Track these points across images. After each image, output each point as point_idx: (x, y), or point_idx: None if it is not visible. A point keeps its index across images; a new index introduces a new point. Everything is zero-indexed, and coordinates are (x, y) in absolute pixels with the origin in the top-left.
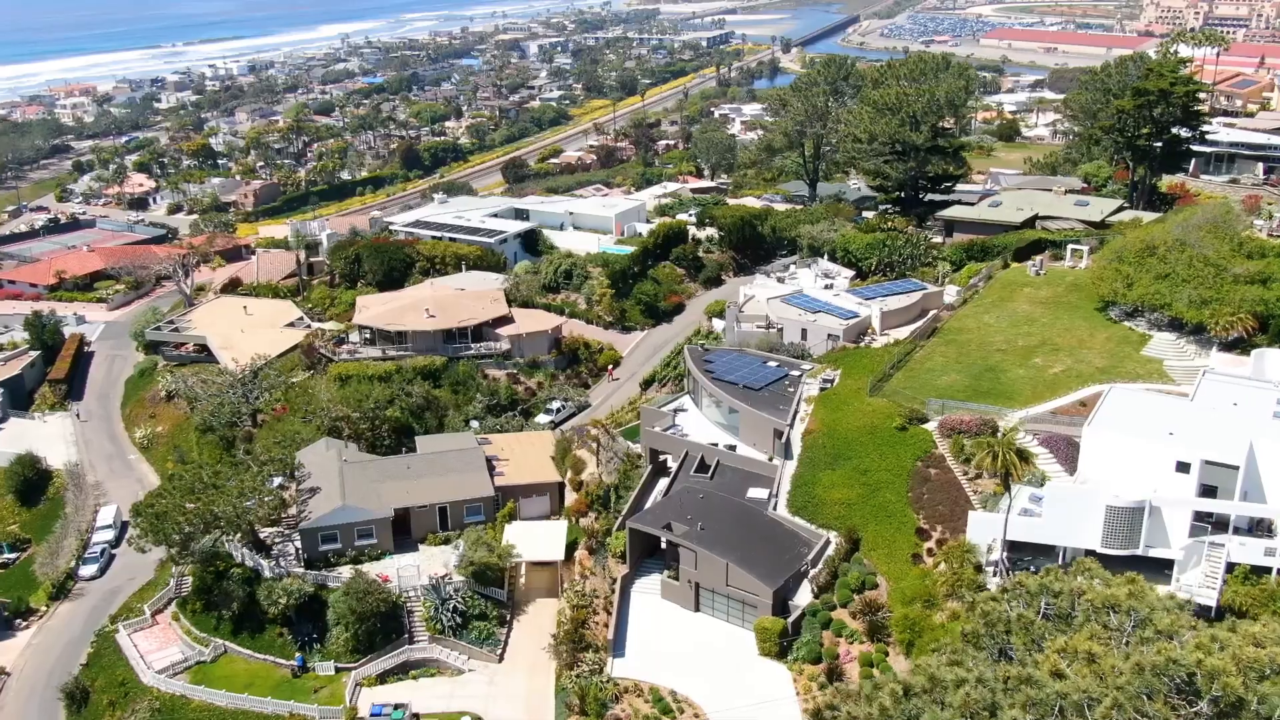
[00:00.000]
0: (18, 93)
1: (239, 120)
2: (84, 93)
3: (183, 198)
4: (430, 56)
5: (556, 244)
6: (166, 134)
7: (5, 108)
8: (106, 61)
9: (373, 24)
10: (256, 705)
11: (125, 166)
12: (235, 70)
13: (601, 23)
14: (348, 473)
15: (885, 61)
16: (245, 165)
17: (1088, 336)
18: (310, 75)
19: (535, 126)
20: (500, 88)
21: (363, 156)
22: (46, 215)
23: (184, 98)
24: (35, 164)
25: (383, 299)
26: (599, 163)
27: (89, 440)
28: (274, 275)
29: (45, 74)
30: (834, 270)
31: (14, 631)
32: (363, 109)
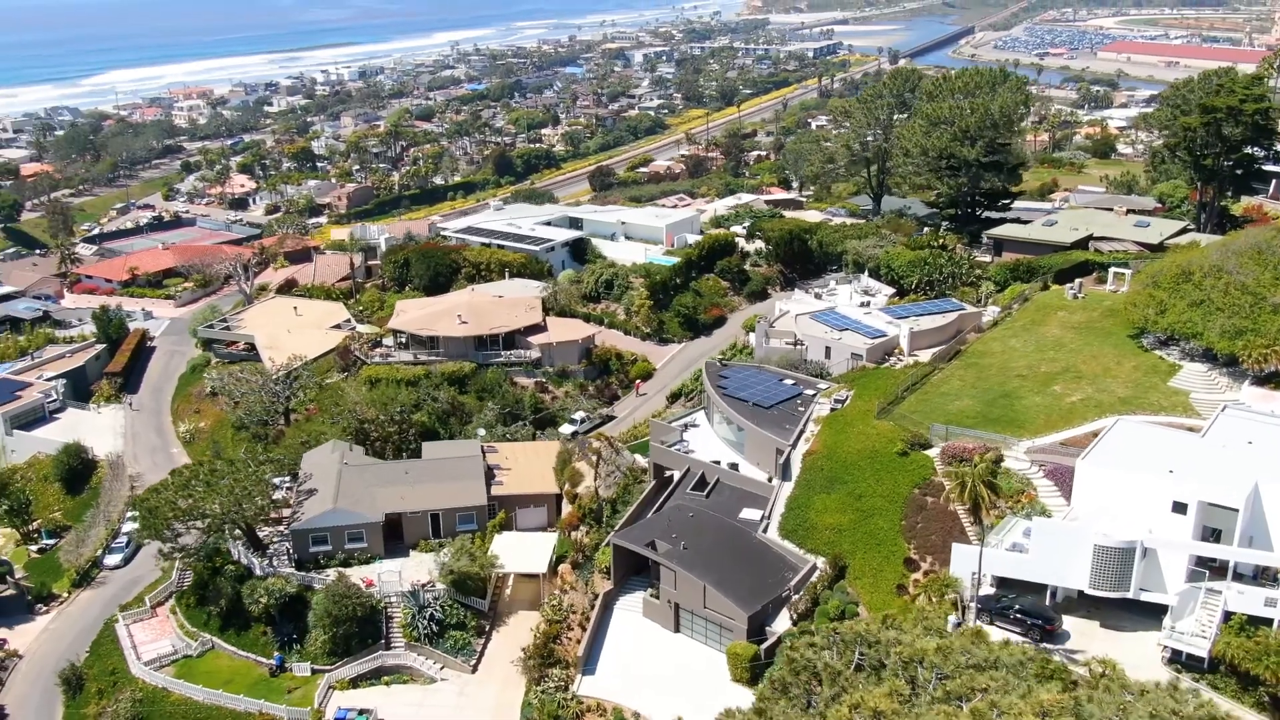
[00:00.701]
0: (140, 95)
1: (343, 125)
2: (201, 96)
3: (280, 199)
4: (536, 64)
5: (604, 253)
6: (272, 136)
7: (127, 109)
8: (227, 66)
9: (484, 32)
10: (230, 702)
11: (229, 167)
12: (346, 76)
13: (709, 32)
14: (345, 476)
15: (940, 73)
16: (342, 169)
17: (1114, 365)
18: (417, 81)
19: (631, 135)
20: (600, 96)
21: (456, 162)
22: (151, 213)
23: (294, 102)
24: (147, 164)
25: (420, 304)
26: (687, 172)
27: (137, 433)
28: (330, 278)
29: (169, 77)
30: (874, 287)
31: (34, 616)
32: (462, 115)
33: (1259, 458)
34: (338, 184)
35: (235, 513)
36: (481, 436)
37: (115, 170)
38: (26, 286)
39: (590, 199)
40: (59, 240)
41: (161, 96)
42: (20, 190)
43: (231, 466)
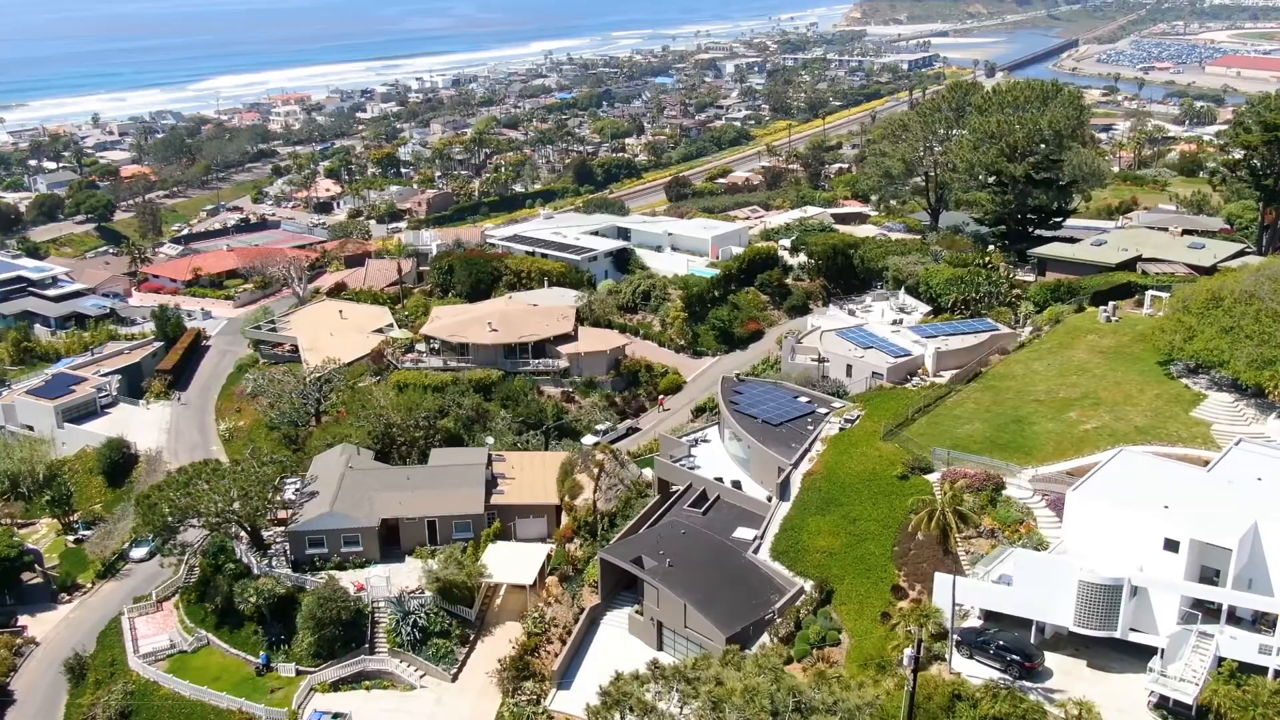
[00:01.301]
0: (241, 100)
1: (433, 131)
2: (298, 102)
3: (362, 203)
4: (627, 74)
5: (648, 264)
6: (361, 142)
7: (227, 114)
8: (327, 72)
9: (580, 41)
10: (213, 699)
11: (316, 172)
12: (440, 84)
13: (804, 44)
14: (347, 479)
15: (992, 86)
16: (425, 175)
17: (1136, 392)
18: (508, 90)
19: (714, 146)
20: (687, 106)
21: (537, 170)
22: (239, 215)
23: (387, 109)
24: (240, 167)
25: (455, 310)
26: (765, 184)
27: (180, 429)
28: (380, 282)
29: (272, 82)
30: (910, 305)
31: (56, 605)
32: (547, 124)
33: (1264, 495)
34: (419, 190)
35: (231, 511)
36: (490, 445)
37: (208, 173)
38: (97, 284)
39: (665, 209)
40: (148, 239)
41: (261, 102)
42: (116, 191)
43: (233, 466)
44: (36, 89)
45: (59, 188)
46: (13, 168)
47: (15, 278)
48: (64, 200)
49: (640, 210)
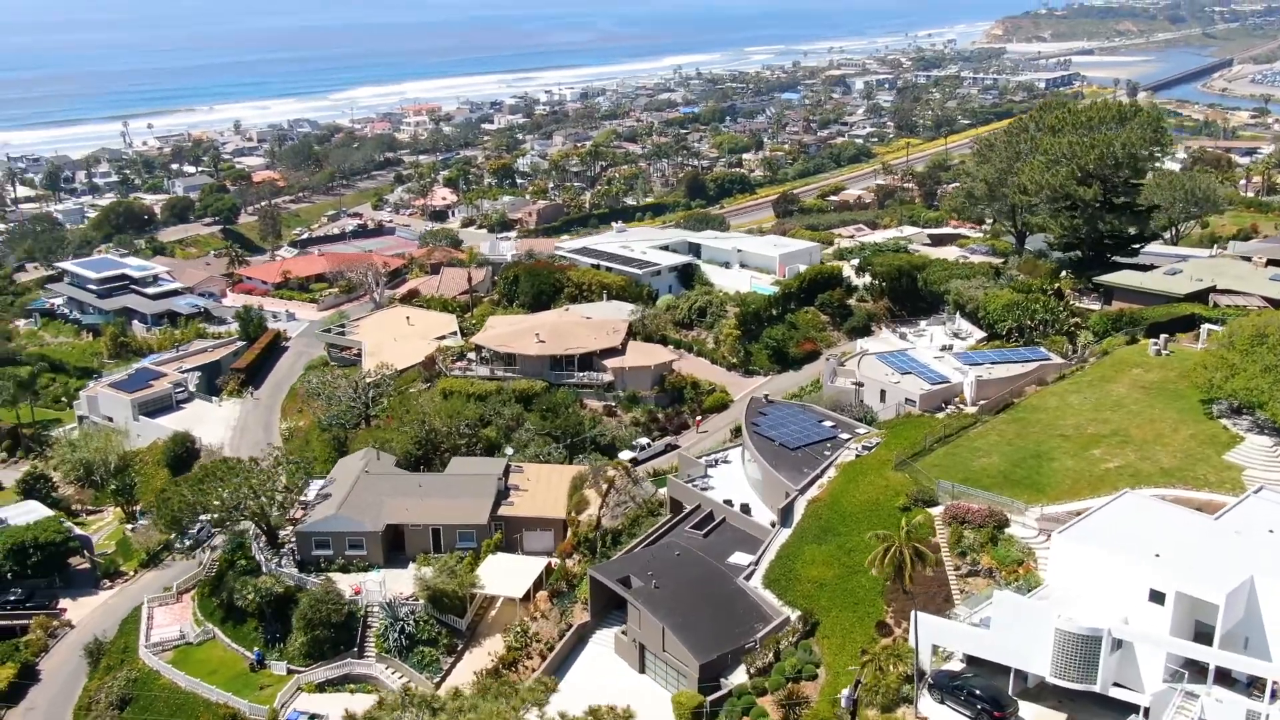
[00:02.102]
0: (375, 110)
1: (555, 143)
2: (429, 113)
3: (475, 212)
4: (754, 90)
5: (712, 280)
6: (483, 153)
7: (361, 123)
8: (460, 84)
9: (713, 56)
10: (205, 691)
11: (435, 180)
12: (568, 96)
13: (940, 60)
14: (360, 483)
15: (1067, 106)
16: (539, 186)
17: (1169, 431)
18: (634, 104)
19: (833, 163)
20: (810, 122)
21: (650, 183)
22: (357, 221)
23: (513, 120)
24: (365, 174)
25: (509, 321)
26: (877, 202)
27: (247, 426)
28: (453, 290)
29: (410, 93)
30: (965, 330)
31: (97, 591)
32: (665, 137)
33: (1271, 549)
34: (531, 200)
35: (238, 509)
36: (510, 456)
37: (333, 180)
38: (195, 284)
39: (772, 226)
40: (268, 242)
41: (394, 112)
42: (243, 195)
43: (246, 464)
44: (190, 96)
45: (194, 191)
46: (156, 171)
47: (119, 275)
48: (194, 203)
49: (744, 226)
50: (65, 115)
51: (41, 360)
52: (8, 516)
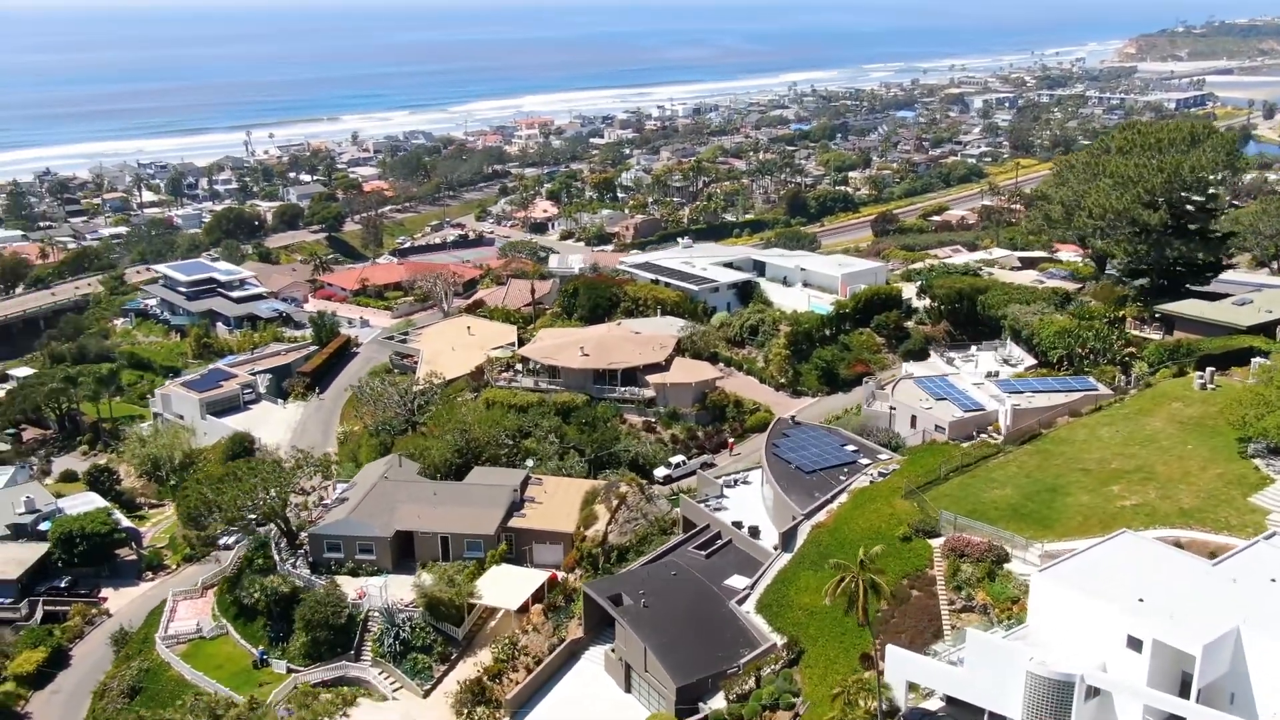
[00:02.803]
0: (489, 123)
1: (662, 158)
2: (540, 126)
3: (574, 225)
4: (869, 107)
5: (771, 298)
6: (588, 167)
7: (474, 135)
8: (575, 99)
9: (831, 74)
10: (208, 685)
11: (538, 193)
12: (680, 112)
13: (1065, 79)
14: (377, 488)
15: (1136, 126)
16: (638, 201)
17: (1197, 470)
18: (745, 120)
19: (941, 182)
20: (923, 141)
21: (752, 200)
22: (459, 232)
23: (623, 135)
24: (473, 186)
25: (558, 333)
26: (980, 224)
27: (306, 428)
28: (518, 302)
29: (526, 106)
30: (1016, 356)
31: (139, 582)
32: (772, 154)
33: (1268, 600)
34: (630, 214)
35: (247, 508)
36: (530, 467)
37: (439, 190)
38: (279, 289)
39: (868, 245)
40: (369, 249)
41: (506, 125)
42: (350, 203)
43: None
44: (314, 107)
45: (305, 199)
46: (273, 179)
47: (207, 279)
48: (303, 210)
49: (841, 245)
50: (195, 124)
51: (132, 357)
52: (66, 507)
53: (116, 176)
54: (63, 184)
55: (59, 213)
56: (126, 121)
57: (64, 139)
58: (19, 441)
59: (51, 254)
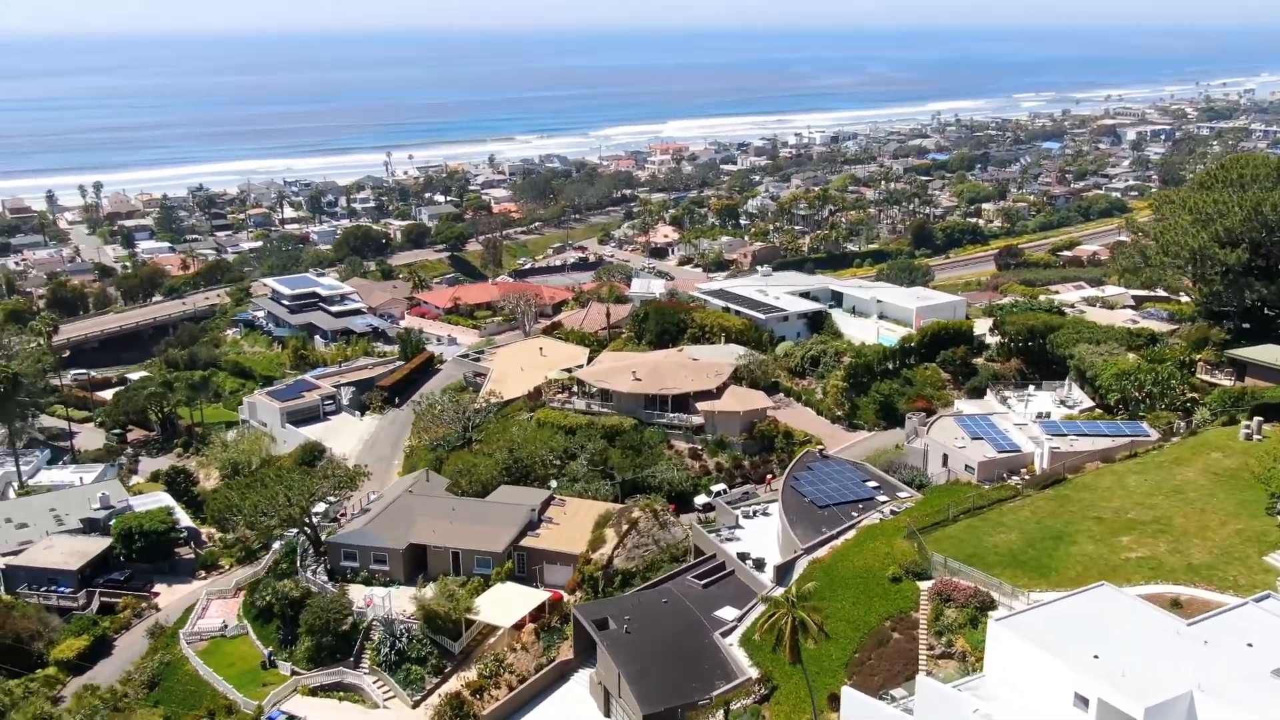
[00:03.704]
0: (625, 148)
1: (792, 185)
2: (674, 152)
3: (693, 251)
4: (1014, 138)
5: (841, 329)
6: (716, 194)
7: (608, 160)
8: (717, 125)
9: (980, 103)
10: (215, 682)
11: (661, 218)
12: (816, 139)
13: (1230, 111)
14: (399, 502)
15: (1220, 161)
16: (760, 228)
17: (1216, 525)
18: (883, 149)
19: (1080, 216)
20: (1065, 174)
21: (877, 229)
22: (579, 255)
23: (756, 162)
24: (600, 210)
25: (616, 357)
26: (1111, 260)
27: (377, 441)
28: (595, 325)
29: (666, 132)
30: (1075, 398)
31: (192, 580)
32: (905, 184)
33: (1235, 665)
34: (749, 241)
35: (266, 515)
36: (554, 488)
37: (564, 213)
38: (378, 305)
39: (988, 279)
40: (489, 269)
41: (640, 150)
42: (475, 224)
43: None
44: (458, 129)
45: (435, 219)
46: (409, 198)
47: (309, 293)
48: (429, 230)
49: (962, 278)
50: (343, 144)
51: (236, 366)
52: (136, 505)
53: (262, 193)
54: (211, 199)
55: (205, 226)
56: (279, 141)
57: (219, 157)
58: (123, 441)
59: (192, 265)
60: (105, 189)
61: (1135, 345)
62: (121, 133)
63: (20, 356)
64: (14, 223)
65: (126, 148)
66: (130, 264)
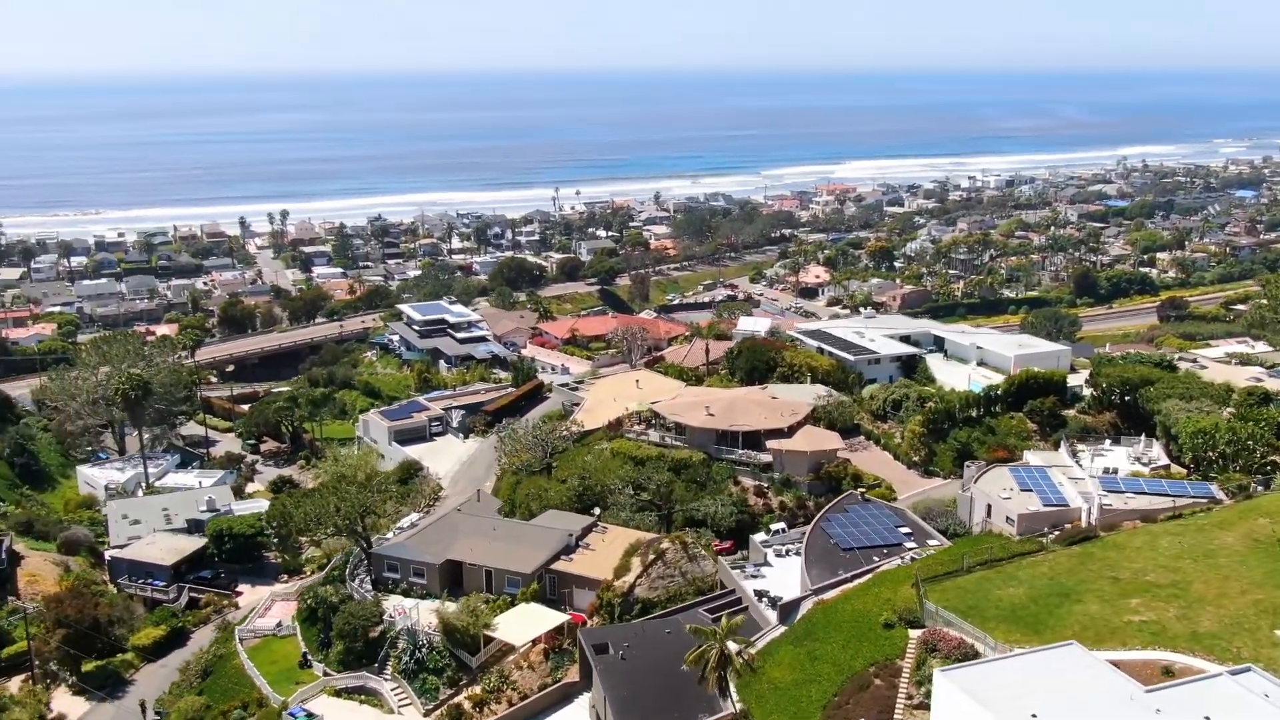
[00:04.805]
0: (792, 187)
1: (958, 229)
2: (842, 193)
3: (843, 292)
4: (1205, 185)
5: (935, 374)
6: (874, 235)
7: (773, 200)
8: (889, 166)
9: (1169, 148)
10: (254, 676)
11: (816, 258)
12: (991, 183)
13: None
14: (446, 519)
15: None
16: (913, 271)
17: (1236, 593)
18: (1059, 194)
19: (1265, 269)
20: (1256, 223)
21: (1038, 276)
22: (728, 292)
23: (924, 204)
24: (756, 248)
25: (696, 392)
26: None
27: (474, 462)
28: (696, 361)
29: (838, 173)
30: (1152, 456)
31: (274, 582)
32: (1075, 230)
33: None
34: (899, 284)
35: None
36: (597, 515)
37: (719, 251)
38: (503, 333)
39: (1145, 330)
40: (636, 304)
41: (807, 191)
42: (627, 260)
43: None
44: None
45: (592, 253)
46: (572, 233)
47: (438, 319)
48: (582, 263)
49: (1119, 330)
50: (518, 179)
51: (367, 386)
52: (238, 509)
53: (434, 224)
54: (385, 228)
55: (378, 254)
56: (459, 175)
57: (402, 189)
58: (256, 451)
59: (358, 290)
60: (291, 217)
61: (1243, 404)
62: (316, 165)
63: (158, 367)
64: (209, 246)
65: (318, 178)
66: (305, 287)
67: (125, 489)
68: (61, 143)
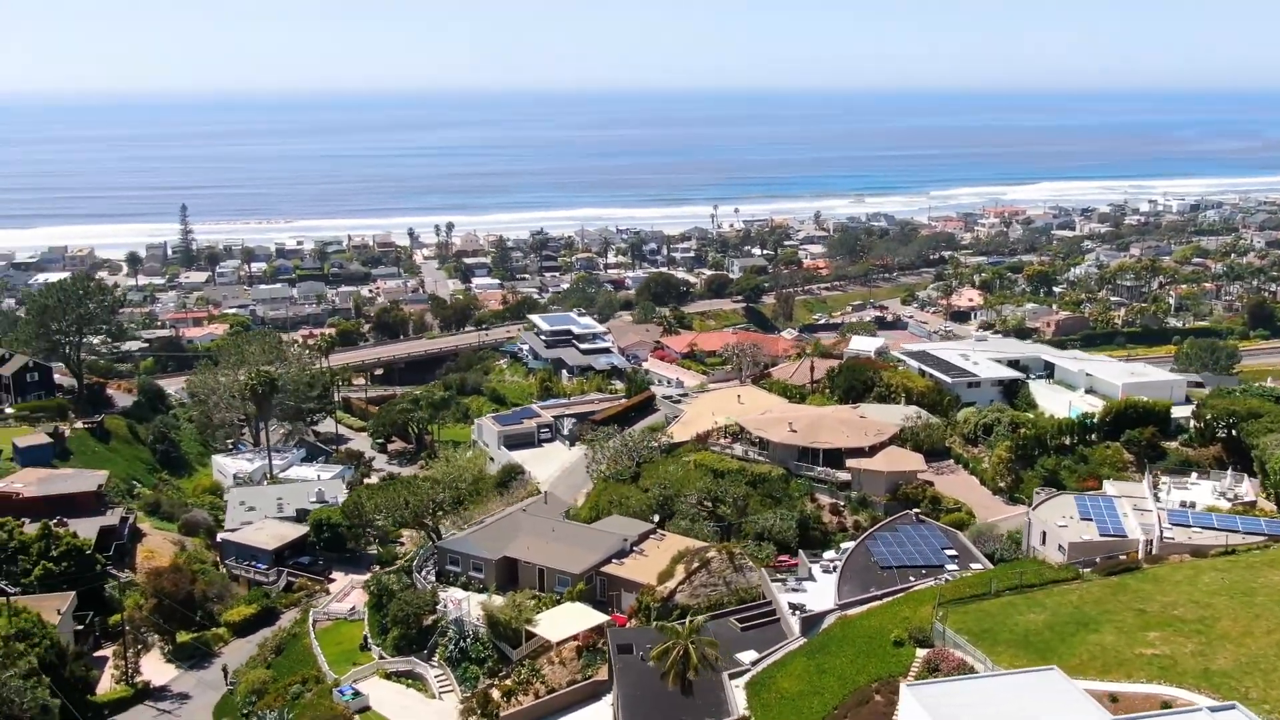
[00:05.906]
0: (959, 209)
1: (1129, 254)
2: (1009, 215)
3: (995, 317)
4: None
5: (1037, 399)
6: (1038, 259)
7: (937, 221)
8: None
9: None
10: (317, 654)
11: (971, 281)
12: (1174, 207)
13: None
14: (511, 518)
15: None
16: (1072, 297)
17: (1262, 632)
18: (1249, 219)
19: None
20: None
21: (1210, 306)
22: (877, 313)
23: (1097, 228)
24: (912, 270)
25: (785, 408)
26: None
27: (575, 470)
28: (801, 379)
29: (1009, 195)
30: (1240, 492)
31: (368, 571)
32: (1259, 259)
33: None
34: (1054, 310)
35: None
36: (656, 522)
37: (871, 271)
38: (626, 346)
39: None
40: (779, 322)
41: (973, 213)
42: (775, 278)
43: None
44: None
45: (744, 271)
46: (728, 250)
47: (564, 330)
48: (729, 280)
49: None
50: (679, 196)
51: (494, 393)
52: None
53: (592, 239)
54: (544, 242)
55: (535, 266)
56: (622, 191)
57: (566, 203)
58: (384, 450)
59: (511, 300)
60: (458, 229)
61: None
62: (486, 179)
63: (289, 363)
64: (378, 255)
65: (487, 192)
66: (461, 296)
67: (251, 478)
68: (256, 155)
